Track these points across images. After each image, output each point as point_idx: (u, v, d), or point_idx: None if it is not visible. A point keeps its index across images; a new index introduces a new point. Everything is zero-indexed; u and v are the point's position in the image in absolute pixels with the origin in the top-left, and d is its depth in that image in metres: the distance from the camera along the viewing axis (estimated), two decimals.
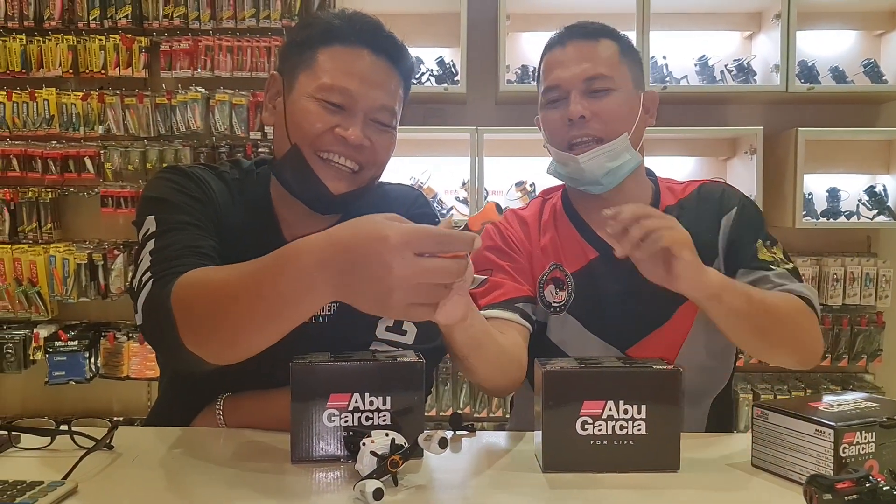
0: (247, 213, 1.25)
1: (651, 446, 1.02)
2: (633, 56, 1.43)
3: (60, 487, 0.91)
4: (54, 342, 2.95)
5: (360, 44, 1.21)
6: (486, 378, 1.24)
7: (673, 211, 1.41)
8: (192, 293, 1.01)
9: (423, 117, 3.03)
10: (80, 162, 3.00)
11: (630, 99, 1.39)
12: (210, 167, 1.32)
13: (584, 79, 1.36)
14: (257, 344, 0.98)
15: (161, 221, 1.15)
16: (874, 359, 2.97)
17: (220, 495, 0.95)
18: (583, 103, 1.36)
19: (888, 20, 3.00)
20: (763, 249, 1.38)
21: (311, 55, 1.21)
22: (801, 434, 0.98)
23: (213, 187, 1.25)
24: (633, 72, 1.41)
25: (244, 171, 1.34)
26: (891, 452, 0.97)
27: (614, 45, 1.40)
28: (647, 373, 1.03)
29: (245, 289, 0.96)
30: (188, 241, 1.12)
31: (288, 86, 1.23)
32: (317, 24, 1.24)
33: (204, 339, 1.01)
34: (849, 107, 3.03)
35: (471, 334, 1.14)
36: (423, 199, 1.39)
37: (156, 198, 1.20)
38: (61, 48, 2.96)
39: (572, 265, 1.42)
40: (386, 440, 0.96)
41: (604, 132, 1.36)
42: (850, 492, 0.84)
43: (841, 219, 2.94)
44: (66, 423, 1.10)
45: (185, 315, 1.01)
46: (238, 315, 0.96)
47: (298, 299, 0.91)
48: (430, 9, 2.97)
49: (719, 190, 1.46)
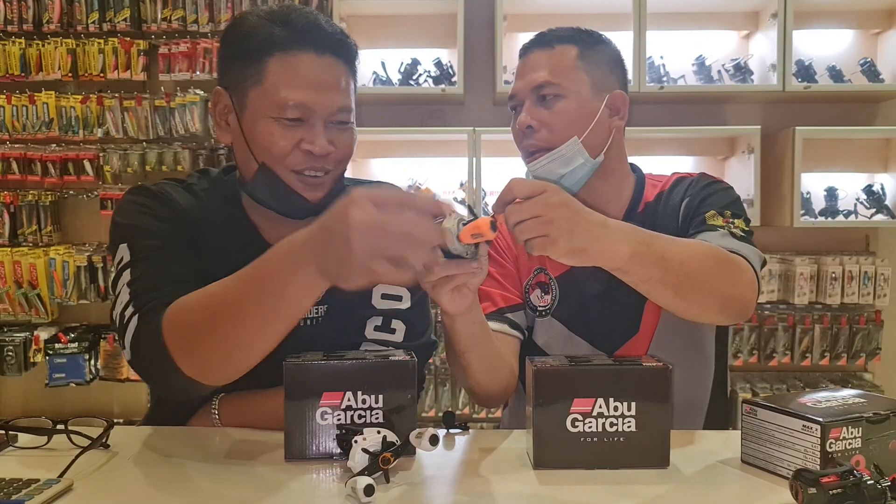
0: (223, 223, 1.21)
1: (641, 443, 1.03)
2: (597, 58, 1.39)
3: (56, 485, 0.92)
4: (54, 344, 2.97)
5: (304, 47, 1.16)
6: (480, 380, 1.25)
7: (652, 206, 1.42)
8: (183, 318, 1.04)
9: (420, 118, 3.04)
10: (80, 165, 3.02)
11: (584, 103, 1.36)
12: (177, 181, 1.29)
13: (532, 87, 1.37)
14: (255, 351, 1.00)
15: (134, 249, 1.15)
16: (873, 357, 2.97)
17: (215, 493, 0.96)
18: (532, 112, 1.36)
19: (885, 19, 3.00)
20: (716, 216, 1.32)
21: (256, 70, 1.16)
22: (788, 430, 0.99)
23: (181, 203, 1.23)
24: (592, 75, 1.38)
25: (212, 180, 1.32)
26: (877, 447, 0.98)
27: (573, 50, 1.38)
28: (636, 370, 1.04)
29: (235, 297, 0.99)
30: (164, 269, 1.12)
31: (238, 103, 1.18)
32: (255, 34, 1.17)
33: (202, 360, 1.03)
34: (846, 106, 3.03)
35: (473, 329, 1.16)
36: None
37: (126, 224, 1.20)
38: (60, 51, 2.98)
39: (556, 269, 1.42)
40: (378, 438, 0.97)
41: (552, 140, 1.35)
42: (835, 486, 0.85)
43: (839, 218, 2.94)
44: (63, 423, 1.11)
45: (179, 341, 1.03)
46: (233, 324, 0.98)
47: (287, 290, 0.94)
48: (428, 10, 2.98)
49: (689, 180, 1.45)
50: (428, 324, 1.30)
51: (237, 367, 1.04)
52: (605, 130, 1.39)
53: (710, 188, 1.40)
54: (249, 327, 0.98)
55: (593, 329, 1.39)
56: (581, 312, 1.40)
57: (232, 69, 1.19)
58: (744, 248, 1.26)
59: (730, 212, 1.33)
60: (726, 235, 1.29)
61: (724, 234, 1.29)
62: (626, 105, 1.41)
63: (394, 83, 2.94)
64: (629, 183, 1.46)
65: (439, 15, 2.94)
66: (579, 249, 1.02)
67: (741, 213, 1.35)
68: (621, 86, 1.42)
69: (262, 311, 0.96)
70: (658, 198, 1.44)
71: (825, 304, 2.92)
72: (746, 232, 1.31)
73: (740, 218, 1.33)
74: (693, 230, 1.33)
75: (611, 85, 1.40)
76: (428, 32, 3.02)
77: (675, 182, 1.45)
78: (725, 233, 1.29)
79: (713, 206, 1.34)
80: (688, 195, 1.40)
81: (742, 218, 1.33)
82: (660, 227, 1.24)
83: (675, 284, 1.12)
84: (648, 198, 1.45)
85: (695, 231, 1.32)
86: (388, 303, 1.26)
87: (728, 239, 1.28)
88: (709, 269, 1.16)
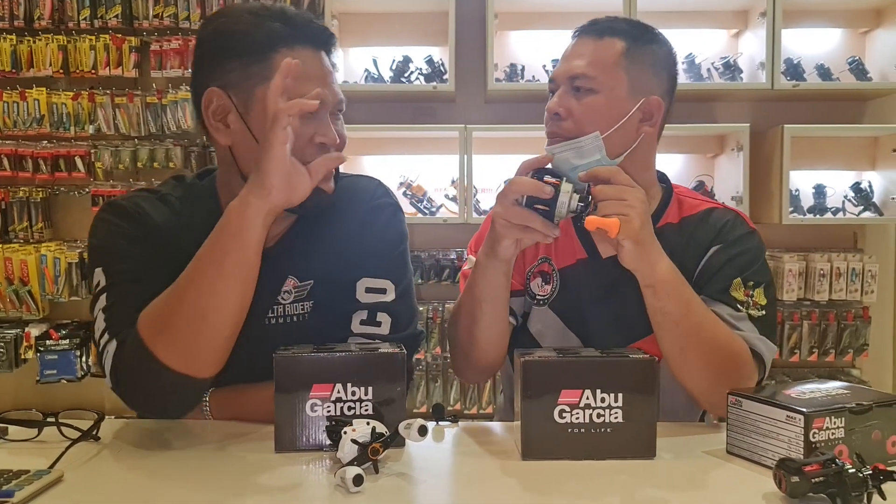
0: (202, 228, 1.16)
1: (627, 434, 1.04)
2: (642, 58, 1.34)
3: (46, 476, 0.93)
4: (45, 341, 2.96)
5: (304, 43, 1.18)
6: (481, 340, 1.28)
7: (673, 229, 1.37)
8: (154, 310, 1.08)
9: (412, 116, 3.05)
10: (71, 161, 3.01)
11: (616, 103, 1.32)
12: (151, 192, 1.28)
13: (569, 76, 1.34)
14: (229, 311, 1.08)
15: (108, 274, 1.16)
16: (860, 353, 2.99)
17: (205, 484, 0.97)
18: (563, 100, 1.34)
19: (873, 18, 3.03)
20: (739, 287, 1.30)
21: (263, 66, 1.15)
22: (773, 420, 1.00)
23: (155, 219, 1.23)
24: (633, 75, 1.33)
25: (188, 187, 1.32)
26: (860, 437, 0.99)
27: (619, 45, 1.33)
28: (623, 362, 1.05)
29: (192, 267, 1.07)
30: (138, 294, 1.12)
31: (242, 102, 1.17)
32: (254, 31, 1.17)
33: (183, 340, 1.06)
34: (834, 104, 3.05)
35: (499, 280, 1.24)
36: (383, 188, 1.37)
37: (100, 247, 1.21)
38: (51, 48, 2.97)
39: (561, 261, 1.42)
40: (367, 429, 0.98)
41: (575, 131, 1.32)
42: (817, 474, 0.86)
43: (827, 215, 2.96)
44: (54, 416, 1.12)
45: (156, 331, 1.07)
46: (196, 288, 1.06)
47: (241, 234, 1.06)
48: (419, 8, 2.98)
49: (724, 219, 1.38)
50: (413, 314, 1.31)
51: (216, 337, 1.08)
52: (632, 133, 1.34)
53: (743, 243, 1.35)
54: (213, 282, 1.06)
55: (588, 329, 1.38)
56: (578, 310, 1.39)
57: (230, 68, 1.17)
58: (760, 344, 1.25)
59: (753, 282, 1.30)
60: (744, 319, 1.27)
61: (742, 318, 1.27)
62: (661, 112, 1.36)
63: (385, 80, 2.95)
64: (651, 194, 1.40)
65: (431, 13, 2.95)
66: (643, 241, 1.15)
67: (764, 278, 1.32)
68: (664, 91, 1.37)
69: (217, 260, 1.06)
70: (682, 223, 1.39)
71: (813, 300, 2.94)
72: (764, 308, 1.29)
73: (761, 286, 1.30)
74: (714, 292, 1.29)
75: (651, 88, 1.35)
76: (419, 30, 3.03)
77: (706, 213, 1.40)
78: (744, 316, 1.27)
79: (741, 269, 1.31)
80: (719, 241, 1.35)
81: (764, 285, 1.31)
82: (674, 254, 1.23)
83: (684, 334, 1.18)
84: (671, 218, 1.40)
85: (716, 297, 1.28)
86: (373, 296, 1.26)
87: (745, 323, 1.27)
88: (719, 351, 1.20)
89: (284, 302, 1.26)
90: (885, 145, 2.97)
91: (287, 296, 1.27)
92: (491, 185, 3.02)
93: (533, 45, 3.03)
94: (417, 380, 3.00)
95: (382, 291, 1.27)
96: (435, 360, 3.01)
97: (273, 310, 1.26)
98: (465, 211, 2.80)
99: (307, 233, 1.27)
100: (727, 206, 1.45)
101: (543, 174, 1.17)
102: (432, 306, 2.98)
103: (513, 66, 2.96)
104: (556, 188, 1.14)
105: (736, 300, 1.28)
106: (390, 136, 3.04)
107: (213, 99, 1.18)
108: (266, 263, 1.20)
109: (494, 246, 1.21)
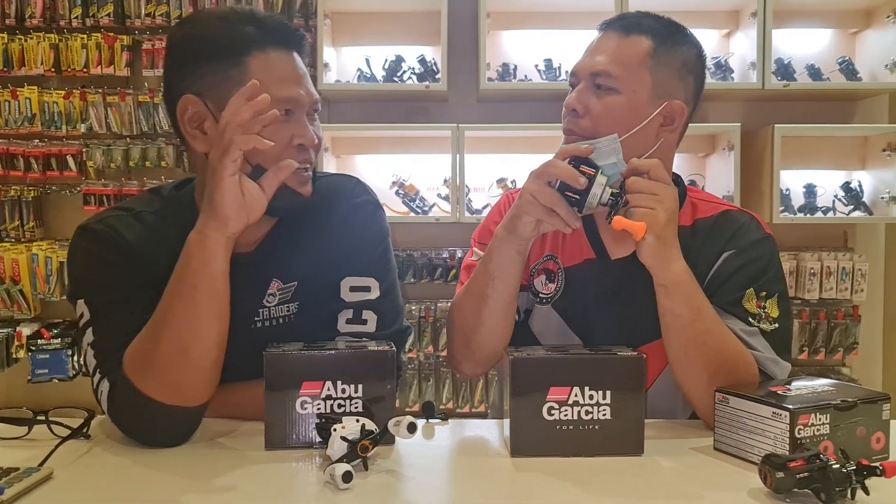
0: (180, 241, 1.12)
1: (616, 431, 1.05)
2: (669, 61, 1.30)
3: (35, 473, 0.93)
4: (37, 340, 2.95)
5: (276, 45, 1.18)
6: (488, 322, 1.27)
7: (685, 231, 1.32)
8: (136, 349, 1.09)
9: (404, 115, 3.05)
10: (63, 160, 3.00)
11: (637, 105, 1.28)
12: (125, 209, 1.26)
13: (591, 72, 1.29)
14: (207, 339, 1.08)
15: (91, 305, 1.16)
16: (850, 352, 3.01)
17: (195, 481, 0.97)
18: (582, 96, 1.29)
19: (863, 19, 3.04)
20: (752, 298, 1.26)
21: (238, 71, 1.14)
22: (759, 417, 1.01)
23: (129, 239, 1.21)
24: (657, 77, 1.28)
25: (165, 199, 1.30)
26: (845, 434, 1.00)
27: (646, 44, 1.29)
28: (611, 359, 1.06)
29: (163, 303, 1.08)
30: (124, 324, 1.12)
31: (218, 108, 1.13)
32: (225, 35, 1.17)
33: (168, 374, 1.07)
34: (824, 104, 3.07)
35: (514, 259, 1.24)
36: (361, 186, 1.36)
37: (80, 278, 1.21)
38: (43, 46, 2.96)
39: (567, 260, 1.38)
40: (356, 426, 0.99)
41: (592, 130, 1.28)
42: (802, 470, 0.87)
43: (818, 214, 2.97)
44: (44, 413, 1.12)
45: (142, 370, 1.08)
46: (171, 325, 1.06)
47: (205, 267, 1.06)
48: (412, 7, 2.99)
49: (739, 223, 1.35)
50: (399, 311, 1.30)
51: (202, 367, 1.09)
52: (652, 138, 1.30)
53: (756, 249, 1.32)
54: (188, 319, 1.06)
55: (591, 332, 1.35)
56: (582, 311, 1.36)
57: (203, 73, 1.16)
58: (773, 367, 1.22)
59: (766, 292, 1.27)
60: (756, 335, 1.24)
61: (755, 333, 1.24)
62: (684, 117, 1.32)
63: (378, 80, 2.95)
64: None
65: (423, 12, 2.95)
66: (665, 238, 1.15)
67: (777, 288, 1.29)
68: (689, 96, 1.33)
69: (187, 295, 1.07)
70: (695, 225, 1.36)
71: (804, 299, 2.95)
72: (777, 321, 1.26)
73: (774, 297, 1.27)
74: (726, 303, 1.26)
75: (675, 92, 1.30)
76: (412, 29, 3.03)
77: (720, 216, 1.37)
78: (756, 331, 1.24)
79: (754, 278, 1.28)
80: (732, 246, 1.31)
81: (777, 295, 1.28)
82: (687, 257, 1.21)
83: (691, 340, 1.18)
84: (684, 220, 1.34)
85: (728, 309, 1.25)
86: (358, 295, 1.26)
87: (758, 339, 1.24)
88: (724, 364, 1.17)
89: (269, 305, 1.27)
90: (874, 145, 2.98)
91: (272, 298, 1.27)
92: (484, 184, 3.03)
93: (525, 45, 3.04)
94: (409, 378, 3.00)
95: (367, 290, 1.27)
96: (427, 358, 3.01)
97: (259, 313, 1.26)
98: (458, 210, 2.81)
99: (288, 235, 1.27)
100: (743, 209, 1.41)
101: (580, 163, 1.17)
102: (424, 305, 2.99)
103: (505, 65, 2.97)
104: (591, 179, 1.14)
105: (748, 313, 1.25)
106: (383, 136, 3.05)
107: (188, 106, 1.17)
108: (249, 268, 1.20)
109: (515, 221, 1.21)
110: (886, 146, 2.90)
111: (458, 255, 3.01)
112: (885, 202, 2.90)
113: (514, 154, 3.03)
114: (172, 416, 1.08)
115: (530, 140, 3.00)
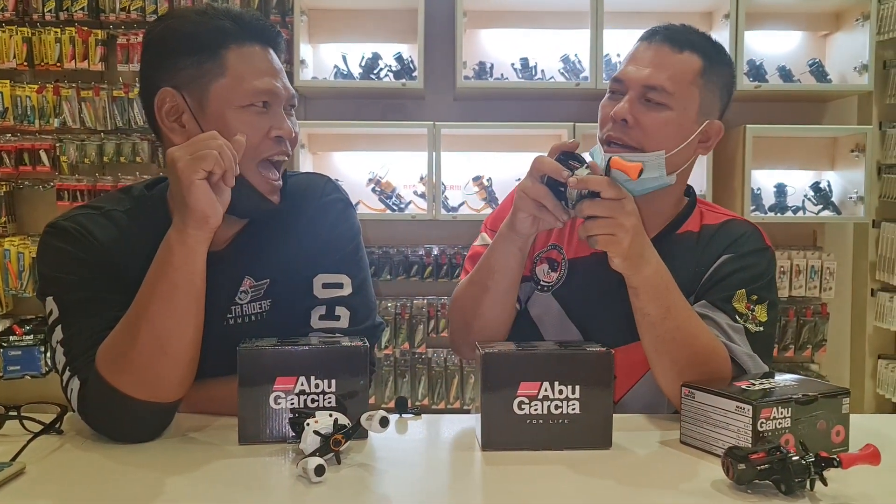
0: (152, 240, 1.12)
1: (584, 425, 1.07)
2: (715, 80, 1.33)
3: (7, 468, 0.93)
4: (9, 337, 2.93)
5: (252, 40, 1.20)
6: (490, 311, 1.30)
7: (692, 236, 1.38)
8: (110, 345, 1.09)
9: (381, 112, 3.06)
10: (36, 155, 2.98)
11: (685, 123, 1.30)
12: (95, 208, 1.26)
13: (644, 85, 1.29)
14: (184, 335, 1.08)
15: (61, 303, 1.16)
16: (819, 349, 3.07)
17: (169, 476, 0.98)
18: (634, 108, 1.29)
19: (833, 22, 3.10)
20: (742, 298, 1.29)
21: (216, 63, 1.17)
22: (723, 411, 1.04)
23: (99, 238, 1.20)
24: (704, 96, 1.31)
25: (135, 199, 1.29)
26: (806, 427, 1.03)
27: (698, 62, 1.31)
28: (580, 355, 1.08)
29: (148, 306, 1.07)
30: (94, 323, 1.13)
31: (196, 101, 1.17)
32: (202, 30, 1.19)
33: (143, 371, 1.07)
34: (795, 105, 3.12)
35: (515, 256, 1.26)
36: (332, 184, 1.38)
37: (49, 276, 1.20)
38: (16, 40, 2.93)
39: (573, 251, 1.40)
40: (329, 420, 1.00)
41: (640, 143, 1.29)
42: (763, 462, 0.90)
43: (788, 213, 3.02)
44: (16, 409, 1.12)
45: (116, 367, 1.07)
46: (159, 327, 1.06)
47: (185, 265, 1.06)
48: (389, 5, 3.00)
49: (741, 231, 1.38)
50: (371, 307, 1.32)
51: (179, 364, 1.09)
52: (690, 154, 1.33)
53: (754, 257, 1.34)
54: (166, 317, 1.06)
55: (590, 322, 1.37)
56: (582, 301, 1.38)
57: (181, 67, 1.18)
58: (749, 361, 1.24)
59: (757, 296, 1.30)
60: (741, 332, 1.27)
61: (739, 330, 1.27)
62: (719, 137, 1.35)
63: (355, 77, 2.95)
64: (676, 202, 1.41)
65: (400, 10, 2.97)
66: (636, 255, 1.16)
67: (769, 296, 1.32)
68: (721, 113, 1.36)
69: (166, 294, 1.06)
70: (702, 230, 1.39)
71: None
72: (763, 325, 1.29)
73: (764, 303, 1.30)
74: (716, 299, 1.29)
75: (714, 111, 1.34)
76: (389, 27, 3.04)
77: (724, 224, 1.40)
78: (741, 328, 1.27)
79: (747, 282, 1.30)
80: (731, 251, 1.34)
81: (768, 302, 1.30)
82: (690, 261, 1.29)
83: (660, 337, 1.21)
84: (692, 226, 1.39)
85: (717, 304, 1.28)
86: (330, 291, 1.28)
87: (741, 336, 1.26)
88: (694, 357, 1.20)
89: (242, 302, 1.28)
90: (843, 146, 3.04)
91: (244, 296, 1.28)
92: (459, 182, 3.04)
93: (502, 44, 3.06)
94: (385, 375, 3.02)
95: (339, 286, 1.28)
96: (403, 355, 3.03)
97: (231, 311, 1.27)
98: (434, 207, 2.82)
99: (259, 232, 1.28)
100: (747, 220, 1.44)
101: (570, 158, 1.18)
102: (400, 302, 3.00)
103: (482, 63, 2.99)
104: (574, 172, 1.16)
105: (736, 311, 1.28)
106: (359, 133, 3.05)
107: (166, 99, 1.18)
108: (221, 265, 1.21)
109: (513, 217, 1.23)
110: (855, 147, 2.96)
111: (433, 253, 3.02)
112: (853, 202, 2.96)
113: (491, 152, 3.05)
114: (147, 412, 1.09)
115: (507, 138, 3.02)
